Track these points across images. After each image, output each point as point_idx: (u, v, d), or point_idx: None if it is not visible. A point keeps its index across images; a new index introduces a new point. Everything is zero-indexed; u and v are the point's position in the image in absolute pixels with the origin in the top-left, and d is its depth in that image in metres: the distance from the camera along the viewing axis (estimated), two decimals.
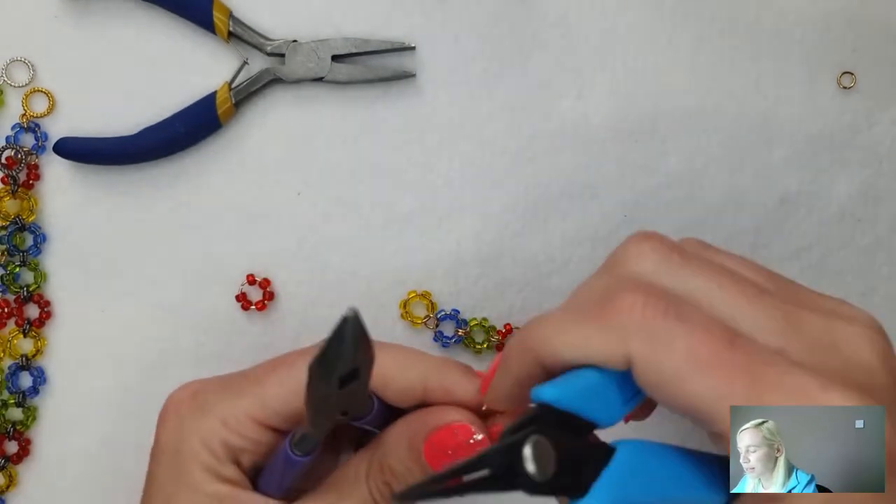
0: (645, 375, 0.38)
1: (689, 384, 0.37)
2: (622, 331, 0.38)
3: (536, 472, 0.35)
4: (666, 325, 0.37)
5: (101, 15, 0.59)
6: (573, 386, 0.38)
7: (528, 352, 0.41)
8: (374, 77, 0.58)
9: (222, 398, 0.47)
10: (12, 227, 0.58)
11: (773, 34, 0.60)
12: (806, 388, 0.36)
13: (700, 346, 0.36)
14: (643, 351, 0.37)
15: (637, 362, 0.38)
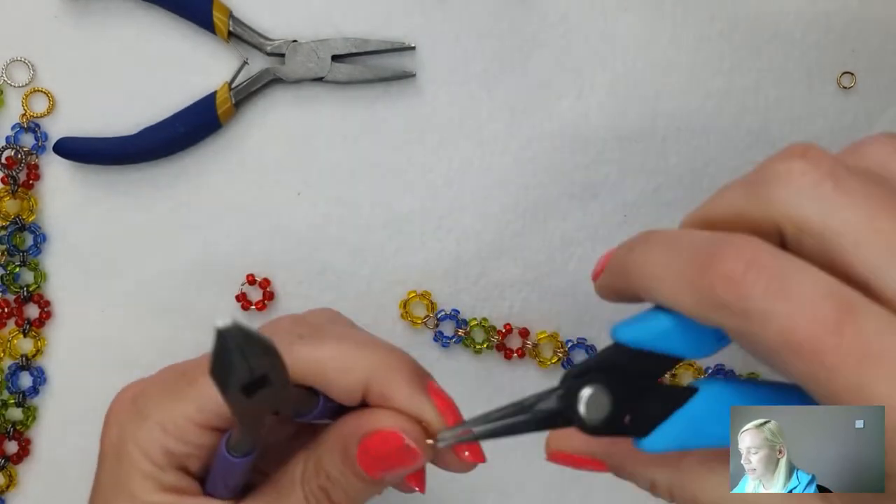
0: (740, 344, 0.35)
1: (785, 367, 0.33)
2: (714, 299, 0.34)
3: (588, 417, 0.36)
4: (764, 302, 0.33)
5: (101, 15, 0.59)
6: (652, 327, 0.37)
7: (622, 276, 0.39)
8: (374, 77, 0.58)
9: (161, 402, 0.45)
10: (12, 227, 0.59)
11: (773, 34, 0.60)
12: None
13: (796, 331, 0.32)
14: (734, 325, 0.34)
15: (729, 332, 0.35)
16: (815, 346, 0.32)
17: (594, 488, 0.60)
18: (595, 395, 0.36)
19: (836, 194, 0.34)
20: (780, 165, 0.35)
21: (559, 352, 0.60)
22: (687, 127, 0.60)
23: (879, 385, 0.31)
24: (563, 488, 0.60)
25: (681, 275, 0.35)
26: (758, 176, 0.36)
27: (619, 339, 0.37)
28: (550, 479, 0.60)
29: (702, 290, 0.34)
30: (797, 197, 0.35)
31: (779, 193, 0.35)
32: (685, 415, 0.37)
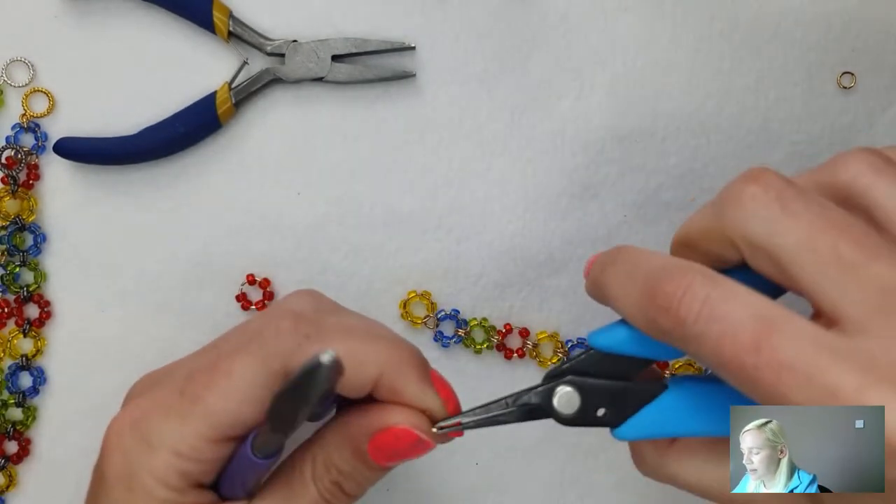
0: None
1: (724, 379, 0.37)
2: (658, 326, 0.39)
3: (561, 411, 0.43)
4: (696, 327, 0.37)
5: (101, 15, 0.59)
6: (616, 335, 0.42)
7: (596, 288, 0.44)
8: (374, 77, 0.58)
9: (167, 427, 0.44)
10: (12, 227, 0.58)
11: (773, 34, 0.60)
12: (840, 384, 0.34)
13: (723, 352, 0.36)
14: (678, 346, 0.39)
15: (675, 346, 0.39)
16: (739, 363, 0.36)
17: (594, 488, 0.60)
18: (567, 393, 0.43)
19: (781, 216, 0.38)
20: (735, 189, 0.39)
21: (559, 352, 0.60)
22: (687, 127, 0.60)
23: (796, 394, 0.35)
24: (562, 488, 0.60)
25: (634, 301, 0.40)
26: (719, 198, 0.40)
27: (592, 344, 0.43)
28: (550, 479, 0.60)
29: (648, 317, 0.39)
30: (748, 219, 0.39)
31: (733, 215, 0.39)
32: (654, 408, 0.43)
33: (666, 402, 0.43)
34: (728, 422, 0.39)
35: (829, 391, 0.34)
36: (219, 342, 0.48)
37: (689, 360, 0.59)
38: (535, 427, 0.59)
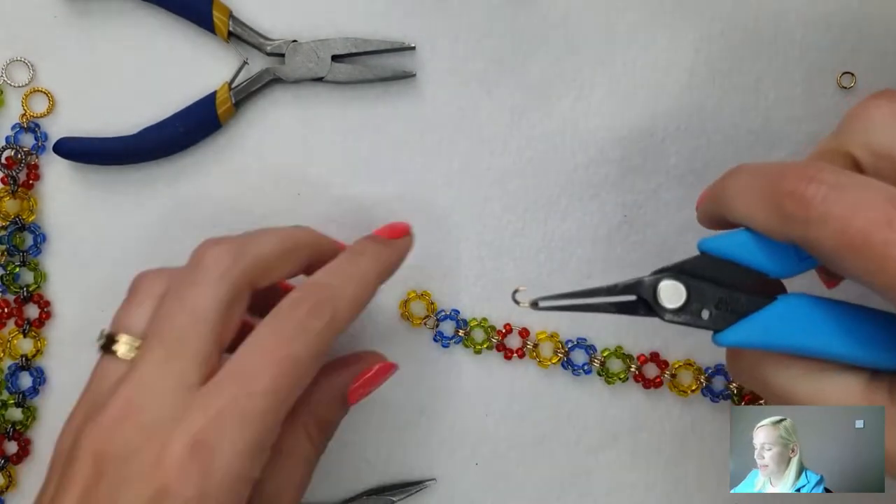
0: (810, 252, 0.39)
1: (844, 265, 0.37)
2: (781, 211, 0.39)
3: (664, 304, 0.42)
4: (823, 207, 0.37)
5: (101, 15, 0.59)
6: (731, 239, 0.42)
7: (715, 200, 0.44)
8: (374, 77, 0.58)
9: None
10: (12, 227, 0.58)
11: (773, 34, 0.60)
12: None
13: (849, 230, 0.36)
14: (799, 233, 0.38)
15: (797, 242, 0.39)
16: (867, 240, 0.36)
17: (593, 488, 0.60)
18: (672, 286, 0.42)
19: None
20: (860, 106, 0.41)
21: (559, 352, 0.60)
22: (687, 127, 0.60)
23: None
24: (562, 488, 0.60)
25: (756, 193, 0.40)
26: (843, 120, 0.42)
27: (702, 248, 0.43)
28: (550, 478, 0.60)
29: (771, 204, 0.39)
30: (874, 128, 0.40)
31: (857, 126, 0.40)
32: (760, 318, 0.41)
33: (773, 313, 0.41)
34: (837, 342, 0.40)
35: None
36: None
37: (689, 359, 0.60)
38: (534, 427, 0.60)
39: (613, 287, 0.43)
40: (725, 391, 0.59)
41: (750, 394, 0.58)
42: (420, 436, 0.60)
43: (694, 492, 0.60)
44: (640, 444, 0.60)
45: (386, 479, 0.60)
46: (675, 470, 0.60)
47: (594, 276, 0.60)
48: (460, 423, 0.60)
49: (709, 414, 0.60)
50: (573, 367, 0.60)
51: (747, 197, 0.40)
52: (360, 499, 0.59)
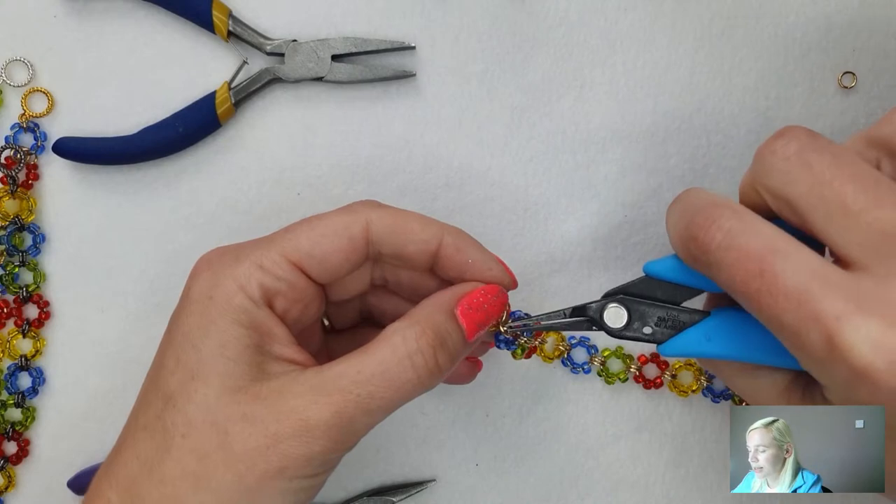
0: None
1: (742, 305, 0.42)
2: (690, 254, 0.44)
3: (609, 325, 0.49)
4: (717, 255, 0.42)
5: (101, 15, 0.59)
6: (665, 264, 0.48)
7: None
8: (374, 77, 0.58)
9: (256, 248, 0.48)
10: (11, 227, 0.58)
11: (774, 34, 0.59)
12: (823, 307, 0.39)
13: (734, 279, 0.41)
14: (705, 273, 0.44)
15: (706, 275, 0.44)
16: (745, 288, 0.41)
17: (593, 488, 0.60)
18: (615, 309, 0.49)
19: (795, 167, 0.42)
20: (762, 145, 0.44)
21: (561, 346, 0.59)
22: (687, 127, 0.60)
23: (787, 317, 0.39)
24: (562, 488, 0.60)
25: (675, 232, 0.45)
26: (756, 153, 0.45)
27: (644, 271, 0.48)
28: (550, 479, 0.60)
29: (683, 244, 0.44)
30: (768, 171, 0.43)
31: (757, 168, 0.44)
32: (695, 332, 0.47)
33: (706, 327, 0.47)
34: (758, 352, 0.45)
35: (813, 315, 0.38)
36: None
37: (690, 360, 0.59)
38: (534, 427, 0.60)
39: (568, 311, 0.50)
40: (726, 391, 0.59)
41: None
42: (420, 436, 0.60)
43: (694, 492, 0.60)
44: (641, 444, 0.60)
45: (386, 480, 0.60)
46: (675, 470, 0.60)
47: (594, 277, 0.60)
48: (460, 424, 0.60)
49: (709, 414, 0.60)
50: (573, 365, 0.60)
51: (671, 232, 0.46)
52: (360, 499, 0.59)
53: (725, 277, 0.42)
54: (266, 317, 0.47)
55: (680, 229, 0.45)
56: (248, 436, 0.44)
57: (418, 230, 0.49)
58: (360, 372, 0.45)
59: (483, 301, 0.49)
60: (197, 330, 0.47)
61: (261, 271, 0.47)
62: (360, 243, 0.49)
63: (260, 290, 0.47)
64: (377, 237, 0.49)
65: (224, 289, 0.47)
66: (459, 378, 0.55)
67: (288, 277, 0.48)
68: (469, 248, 0.50)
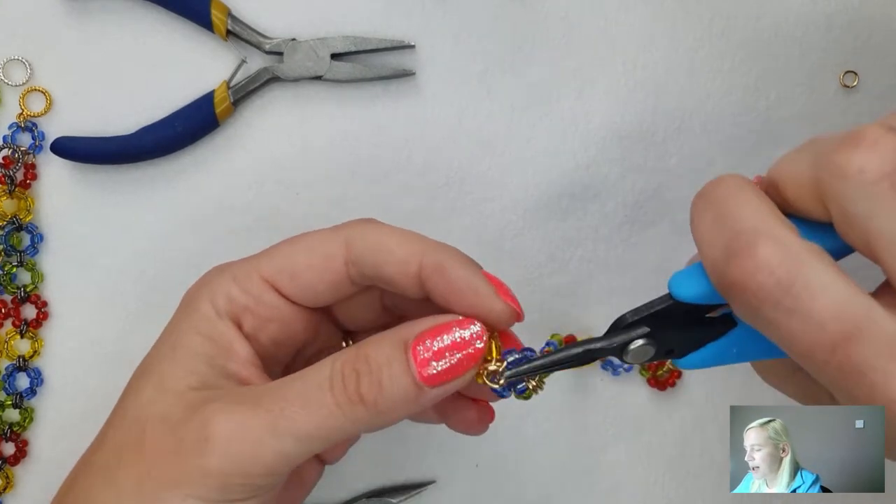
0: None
1: (792, 358, 0.36)
2: (732, 298, 0.37)
3: (632, 362, 0.42)
4: (774, 314, 0.35)
5: (99, 14, 0.59)
6: (705, 288, 0.39)
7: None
8: (373, 76, 0.58)
9: (242, 261, 0.47)
10: (9, 227, 0.58)
11: (775, 33, 0.59)
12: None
13: (795, 345, 0.35)
14: (746, 320, 0.37)
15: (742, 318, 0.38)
16: (811, 356, 0.34)
17: (594, 489, 0.60)
18: (642, 347, 0.41)
19: (887, 198, 0.35)
20: (843, 154, 0.36)
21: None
22: (688, 127, 0.59)
23: (861, 396, 0.33)
24: (563, 490, 0.60)
25: (713, 259, 0.37)
26: (818, 152, 0.37)
27: (674, 294, 0.40)
28: (551, 479, 0.60)
29: (723, 283, 0.36)
30: (850, 192, 0.35)
31: (834, 182, 0.36)
32: (720, 344, 0.41)
33: (732, 339, 0.41)
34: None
35: (884, 394, 0.33)
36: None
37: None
38: (534, 428, 0.59)
39: (580, 349, 0.42)
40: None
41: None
42: (420, 437, 0.60)
43: (696, 492, 0.60)
44: (641, 445, 0.60)
45: (386, 482, 0.60)
46: (677, 470, 0.60)
47: (595, 277, 0.60)
48: None
49: (711, 414, 0.60)
50: (613, 368, 0.59)
51: (707, 250, 0.38)
52: (360, 500, 0.59)
53: (783, 338, 0.35)
54: (227, 330, 0.45)
55: (718, 258, 0.37)
56: (159, 437, 0.42)
57: (395, 248, 0.44)
58: (279, 388, 0.42)
59: (449, 337, 0.42)
60: (163, 332, 0.46)
61: (233, 283, 0.46)
62: (338, 262, 0.45)
63: (227, 302, 0.45)
64: (356, 257, 0.45)
65: (196, 296, 0.46)
66: (466, 425, 0.49)
67: (256, 292, 0.45)
68: (455, 268, 0.43)
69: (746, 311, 0.36)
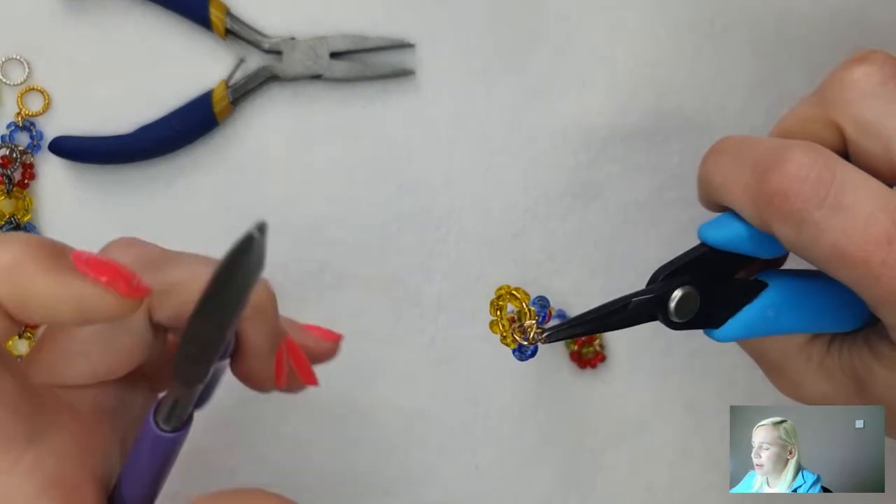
0: (792, 251, 0.37)
1: (835, 273, 0.35)
2: (771, 212, 0.36)
3: (678, 317, 0.39)
4: (818, 215, 0.34)
5: (97, 13, 0.59)
6: (728, 232, 0.39)
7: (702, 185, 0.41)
8: (372, 74, 0.58)
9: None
10: (7, 227, 0.58)
11: (776, 32, 0.59)
12: None
13: (847, 246, 0.34)
14: (790, 236, 0.35)
15: (783, 241, 0.36)
16: (863, 258, 0.34)
17: (594, 490, 0.60)
18: (687, 296, 0.39)
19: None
20: (844, 70, 0.38)
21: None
22: (689, 126, 0.59)
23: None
24: (563, 490, 0.60)
25: (742, 185, 0.37)
26: (824, 83, 0.38)
27: (704, 240, 0.39)
28: (551, 481, 0.60)
29: (760, 202, 0.36)
30: (860, 98, 0.37)
31: (843, 96, 0.37)
32: (755, 308, 0.39)
33: (766, 300, 0.40)
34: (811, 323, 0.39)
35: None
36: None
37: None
38: (536, 429, 0.59)
39: (621, 302, 0.40)
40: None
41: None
42: (420, 438, 0.60)
43: (697, 494, 0.60)
44: (643, 446, 0.60)
45: (386, 482, 0.60)
46: (677, 472, 0.60)
47: (596, 277, 0.60)
48: (461, 425, 0.60)
49: (712, 415, 0.60)
50: (521, 352, 0.58)
51: (732, 188, 0.38)
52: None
53: (828, 243, 0.34)
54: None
55: (749, 183, 0.36)
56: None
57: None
58: None
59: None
60: None
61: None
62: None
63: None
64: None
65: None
66: (261, 383, 0.44)
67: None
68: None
69: (791, 222, 0.35)
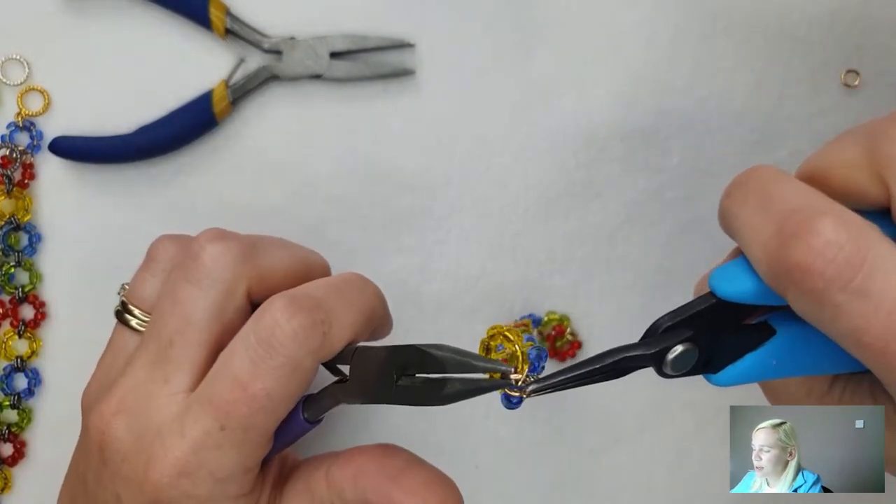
0: (805, 319, 0.34)
1: (849, 351, 0.33)
2: (790, 283, 0.33)
3: (673, 371, 0.37)
4: (841, 296, 0.32)
5: (97, 12, 0.59)
6: (751, 285, 0.36)
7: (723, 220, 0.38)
8: (372, 74, 0.58)
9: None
10: (7, 227, 0.58)
11: (777, 32, 0.59)
12: None
13: (867, 333, 0.31)
14: (806, 309, 0.33)
15: (797, 311, 0.34)
16: (882, 348, 0.31)
17: (595, 490, 0.60)
18: (686, 352, 0.37)
19: None
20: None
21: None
22: (690, 125, 0.59)
23: None
24: (563, 490, 0.60)
25: (763, 243, 0.34)
26: (876, 127, 0.35)
27: (716, 292, 0.36)
28: (552, 481, 0.60)
29: (779, 269, 0.33)
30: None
31: (894, 151, 0.33)
32: (759, 355, 0.37)
33: (771, 349, 0.37)
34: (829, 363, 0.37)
35: None
36: None
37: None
38: (536, 429, 0.59)
39: (609, 360, 0.37)
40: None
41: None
42: (419, 438, 0.60)
43: (697, 494, 0.59)
44: (643, 446, 0.60)
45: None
46: (677, 473, 0.60)
47: (596, 277, 0.59)
48: (460, 425, 0.60)
49: (712, 416, 0.59)
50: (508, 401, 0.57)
51: (750, 241, 0.35)
52: None
53: (846, 328, 0.32)
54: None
55: (769, 242, 0.34)
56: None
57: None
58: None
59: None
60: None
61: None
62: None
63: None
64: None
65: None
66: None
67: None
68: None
69: (809, 298, 0.32)
